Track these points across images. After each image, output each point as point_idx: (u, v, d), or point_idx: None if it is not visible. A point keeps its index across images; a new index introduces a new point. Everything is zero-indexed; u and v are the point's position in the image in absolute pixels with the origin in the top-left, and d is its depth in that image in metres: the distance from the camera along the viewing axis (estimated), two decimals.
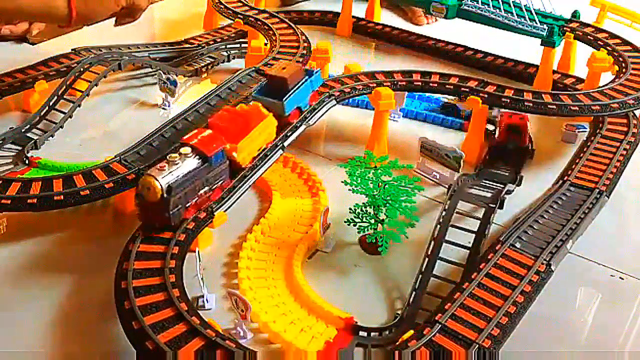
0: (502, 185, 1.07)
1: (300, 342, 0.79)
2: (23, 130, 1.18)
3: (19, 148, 1.15)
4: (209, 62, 1.49)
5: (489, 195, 1.03)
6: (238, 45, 1.57)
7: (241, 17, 1.48)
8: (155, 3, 1.96)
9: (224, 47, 1.55)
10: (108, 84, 1.30)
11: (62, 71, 1.30)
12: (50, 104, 1.23)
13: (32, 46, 1.54)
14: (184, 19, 1.81)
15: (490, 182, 1.09)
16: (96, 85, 1.28)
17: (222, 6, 1.55)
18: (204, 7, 1.73)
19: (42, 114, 1.22)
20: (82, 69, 1.28)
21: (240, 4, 1.57)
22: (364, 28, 1.74)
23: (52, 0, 1.03)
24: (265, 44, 1.39)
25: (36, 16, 1.10)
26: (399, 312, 0.84)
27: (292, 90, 1.05)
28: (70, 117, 1.22)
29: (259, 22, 1.46)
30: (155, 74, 1.38)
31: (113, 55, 1.35)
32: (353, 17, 1.74)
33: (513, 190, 1.07)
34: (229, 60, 1.52)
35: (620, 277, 0.94)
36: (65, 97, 1.25)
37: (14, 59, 1.37)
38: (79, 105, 1.24)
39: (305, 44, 1.35)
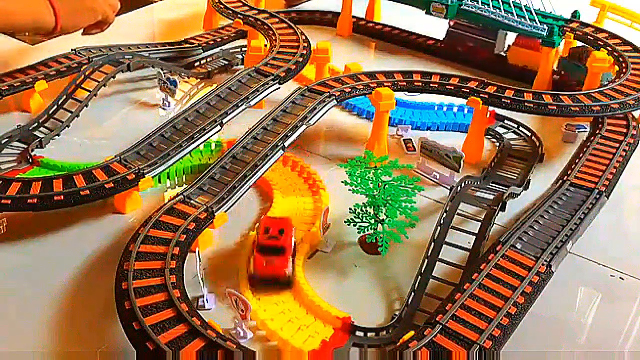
0: (505, 188, 1.07)
1: (296, 341, 0.79)
2: (30, 129, 1.19)
3: (24, 146, 1.15)
4: (222, 64, 1.49)
5: (490, 197, 1.03)
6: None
7: (241, 17, 1.48)
8: (155, 3, 1.96)
9: (238, 49, 1.54)
10: (108, 83, 1.30)
11: (62, 71, 1.30)
12: (59, 102, 1.23)
13: (32, 46, 1.54)
14: (184, 19, 1.81)
15: (496, 185, 1.08)
16: (104, 85, 1.28)
17: (222, 6, 1.55)
18: (204, 7, 1.73)
19: (50, 112, 1.22)
20: (92, 69, 1.28)
21: (240, 3, 1.57)
22: (364, 28, 1.74)
23: (42, 16, 1.12)
24: (265, 45, 1.39)
25: (26, 29, 1.18)
26: (397, 312, 0.84)
27: None
28: (77, 116, 1.23)
29: (258, 22, 1.46)
30: (155, 74, 1.38)
31: (124, 56, 1.35)
32: (353, 17, 1.74)
33: (519, 194, 1.07)
34: (242, 63, 1.49)
35: (620, 277, 0.94)
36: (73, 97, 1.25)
37: (14, 59, 1.37)
38: (87, 105, 1.24)
39: (305, 44, 1.35)
